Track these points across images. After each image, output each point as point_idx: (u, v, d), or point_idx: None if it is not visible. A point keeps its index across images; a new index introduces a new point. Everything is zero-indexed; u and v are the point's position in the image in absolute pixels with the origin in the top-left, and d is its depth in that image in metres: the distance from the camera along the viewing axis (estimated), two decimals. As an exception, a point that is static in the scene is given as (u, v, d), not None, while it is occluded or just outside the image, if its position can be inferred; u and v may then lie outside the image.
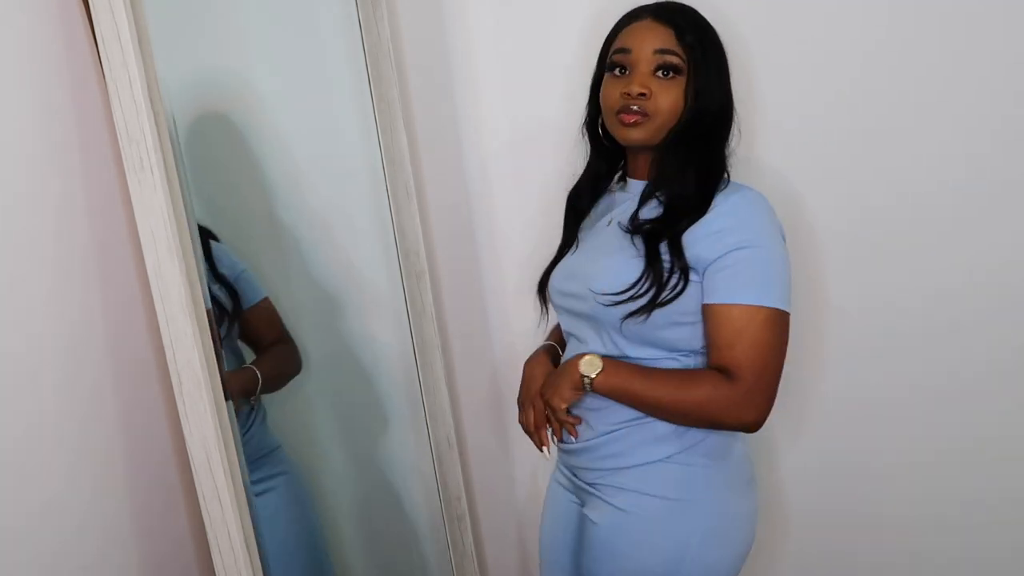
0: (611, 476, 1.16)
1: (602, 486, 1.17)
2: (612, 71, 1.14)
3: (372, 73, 1.43)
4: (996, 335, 1.31)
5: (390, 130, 1.46)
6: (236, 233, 1.30)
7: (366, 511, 1.61)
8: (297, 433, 1.41)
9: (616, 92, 1.12)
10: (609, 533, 1.15)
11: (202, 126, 1.26)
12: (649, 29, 1.11)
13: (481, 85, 1.48)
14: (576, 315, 1.18)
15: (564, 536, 1.28)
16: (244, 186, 1.36)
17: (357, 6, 1.41)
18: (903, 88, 1.27)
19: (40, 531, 0.92)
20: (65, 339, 0.96)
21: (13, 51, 0.91)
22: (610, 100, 1.13)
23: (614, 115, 1.13)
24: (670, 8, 1.13)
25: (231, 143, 1.31)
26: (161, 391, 1.12)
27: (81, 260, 0.99)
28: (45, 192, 0.95)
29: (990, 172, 1.26)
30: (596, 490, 1.18)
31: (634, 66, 1.11)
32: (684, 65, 1.10)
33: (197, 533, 1.17)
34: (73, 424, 0.97)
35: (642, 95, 1.09)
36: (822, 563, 1.53)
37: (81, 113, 1.00)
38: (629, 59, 1.11)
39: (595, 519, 1.17)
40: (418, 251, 1.51)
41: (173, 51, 1.06)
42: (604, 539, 1.15)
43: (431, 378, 1.56)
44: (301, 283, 1.46)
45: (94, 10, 0.93)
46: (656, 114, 1.10)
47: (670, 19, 1.11)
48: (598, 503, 1.17)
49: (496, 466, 1.72)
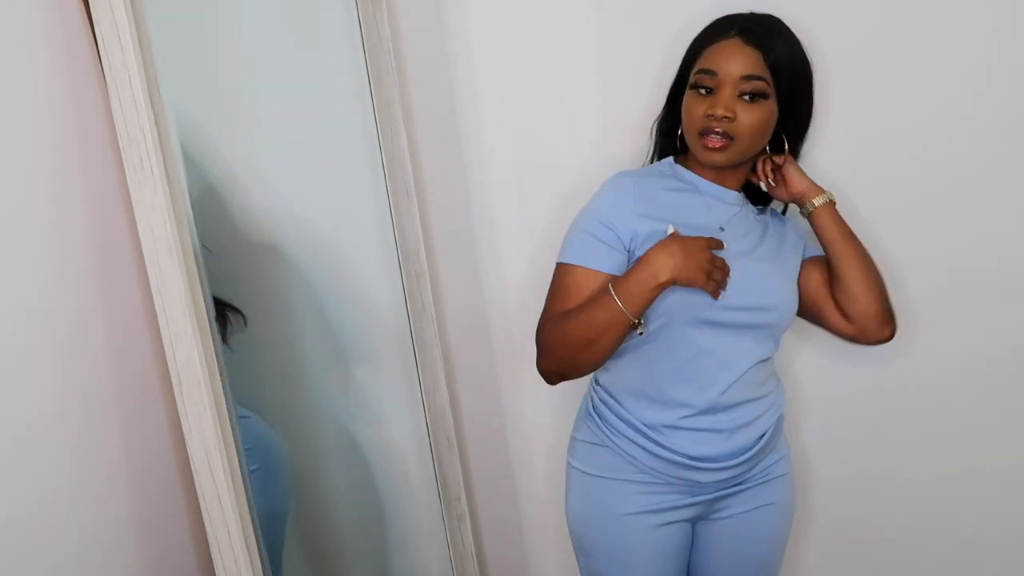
0: (772, 454, 1.26)
1: (765, 471, 1.25)
2: (696, 89, 1.14)
3: (372, 73, 1.43)
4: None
5: (390, 130, 1.46)
6: (235, 233, 1.30)
7: (366, 511, 1.60)
8: (297, 433, 1.41)
9: (699, 112, 1.13)
10: (787, 495, 1.28)
11: (201, 126, 1.25)
12: (737, 51, 1.11)
13: (481, 85, 1.48)
14: (742, 328, 1.17)
15: (679, 567, 1.28)
16: (243, 186, 1.36)
17: (357, 6, 1.41)
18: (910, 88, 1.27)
19: (39, 530, 0.91)
20: (65, 339, 0.96)
21: (13, 51, 0.91)
22: (693, 119, 1.15)
23: (696, 135, 1.15)
24: (759, 25, 1.13)
25: (230, 143, 1.30)
26: (161, 391, 1.12)
27: (81, 260, 0.99)
28: (45, 192, 0.95)
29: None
30: (754, 480, 1.24)
31: (719, 88, 1.12)
32: (770, 90, 1.12)
33: (197, 533, 1.17)
34: (73, 424, 0.97)
35: (726, 118, 1.11)
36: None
37: (81, 113, 1.00)
38: (715, 81, 1.12)
39: (768, 500, 1.25)
40: (418, 251, 1.51)
41: (173, 51, 1.06)
42: (784, 509, 1.28)
43: (431, 378, 1.56)
44: (300, 283, 1.46)
45: (94, 10, 0.93)
46: (740, 138, 1.13)
47: (758, 41, 1.11)
48: (758, 489, 1.24)
49: (496, 466, 1.72)
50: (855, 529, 1.53)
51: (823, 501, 1.53)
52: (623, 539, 1.22)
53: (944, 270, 1.35)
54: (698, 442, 1.17)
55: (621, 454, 1.21)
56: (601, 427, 1.23)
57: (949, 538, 1.48)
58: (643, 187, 1.18)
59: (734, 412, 1.18)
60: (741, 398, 1.19)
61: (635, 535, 1.21)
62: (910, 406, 1.43)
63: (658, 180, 1.21)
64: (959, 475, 1.44)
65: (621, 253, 1.15)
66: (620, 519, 1.21)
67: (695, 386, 1.17)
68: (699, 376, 1.17)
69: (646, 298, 1.08)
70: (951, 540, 1.48)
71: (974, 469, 1.42)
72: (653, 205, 1.17)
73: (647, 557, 1.22)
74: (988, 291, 1.34)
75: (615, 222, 1.15)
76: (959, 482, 1.44)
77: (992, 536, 1.45)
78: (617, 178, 1.20)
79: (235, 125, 1.32)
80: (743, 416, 1.19)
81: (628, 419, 1.20)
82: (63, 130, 0.97)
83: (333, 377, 1.51)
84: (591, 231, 1.16)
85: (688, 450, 1.17)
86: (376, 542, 1.63)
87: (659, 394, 1.18)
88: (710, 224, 1.18)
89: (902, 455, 1.46)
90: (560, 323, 1.14)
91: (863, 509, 1.51)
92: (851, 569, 1.55)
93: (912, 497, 1.48)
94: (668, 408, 1.18)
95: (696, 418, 1.17)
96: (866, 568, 1.54)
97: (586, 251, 1.16)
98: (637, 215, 1.15)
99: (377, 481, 1.61)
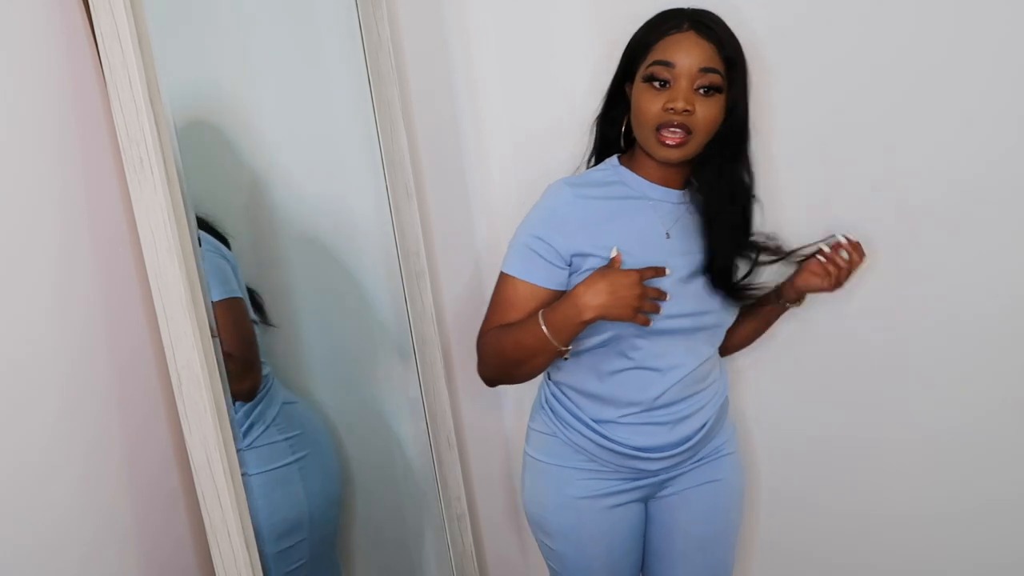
0: (717, 436, 1.29)
1: (710, 451, 1.28)
2: (651, 82, 1.12)
3: (372, 73, 1.43)
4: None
5: (390, 130, 1.46)
6: (234, 234, 1.29)
7: (366, 511, 1.60)
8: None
9: (656, 106, 1.11)
10: (733, 475, 1.31)
11: (201, 126, 1.25)
12: (694, 44, 1.10)
13: (481, 85, 1.48)
14: (689, 332, 1.19)
15: (633, 544, 1.31)
16: (243, 186, 1.36)
17: (357, 6, 1.41)
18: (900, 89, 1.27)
19: (39, 530, 0.91)
20: (65, 339, 0.96)
21: (13, 51, 0.91)
22: (649, 114, 1.11)
23: (652, 130, 1.12)
24: (708, 19, 1.12)
25: (230, 143, 1.30)
26: (161, 391, 1.12)
27: (81, 260, 0.99)
28: (45, 192, 0.95)
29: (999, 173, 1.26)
30: (699, 459, 1.27)
31: (675, 81, 1.10)
32: (723, 84, 1.11)
33: (197, 533, 1.17)
34: (73, 424, 0.97)
35: (687, 111, 1.09)
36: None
37: (81, 113, 1.00)
38: (672, 74, 1.10)
39: (712, 477, 1.28)
40: (418, 251, 1.51)
41: (173, 51, 1.06)
42: (731, 486, 1.31)
43: (431, 378, 1.56)
44: (300, 283, 1.46)
45: (94, 10, 0.93)
46: (697, 132, 1.11)
47: (711, 34, 1.10)
48: (702, 468, 1.28)
49: (496, 466, 1.72)
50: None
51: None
52: (576, 521, 1.26)
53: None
54: (643, 435, 1.22)
55: (571, 444, 1.25)
56: (553, 420, 1.27)
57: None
58: (583, 197, 1.16)
59: (678, 406, 1.22)
60: (685, 393, 1.22)
61: (586, 517, 1.26)
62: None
63: (599, 188, 1.18)
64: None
65: (561, 268, 1.15)
66: (572, 502, 1.26)
67: (640, 388, 1.20)
68: (645, 379, 1.19)
69: (572, 332, 1.08)
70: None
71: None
72: (594, 215, 1.15)
73: (600, 537, 1.27)
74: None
75: (552, 237, 1.14)
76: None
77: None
78: (557, 187, 1.18)
79: (235, 125, 1.32)
80: (686, 409, 1.23)
81: (577, 414, 1.24)
82: (63, 130, 0.97)
83: (333, 377, 1.51)
84: (530, 245, 1.16)
85: (634, 442, 1.21)
86: (376, 542, 1.63)
87: (606, 395, 1.22)
88: (657, 231, 1.17)
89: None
90: (496, 338, 1.16)
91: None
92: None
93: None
94: (615, 407, 1.22)
95: (641, 414, 1.21)
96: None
97: (526, 264, 1.16)
98: (575, 227, 1.14)
99: (377, 481, 1.61)
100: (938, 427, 1.39)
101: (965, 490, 1.40)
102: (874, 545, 1.50)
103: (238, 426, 1.17)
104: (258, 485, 1.20)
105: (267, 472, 1.24)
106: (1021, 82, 1.21)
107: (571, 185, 1.17)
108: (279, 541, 1.27)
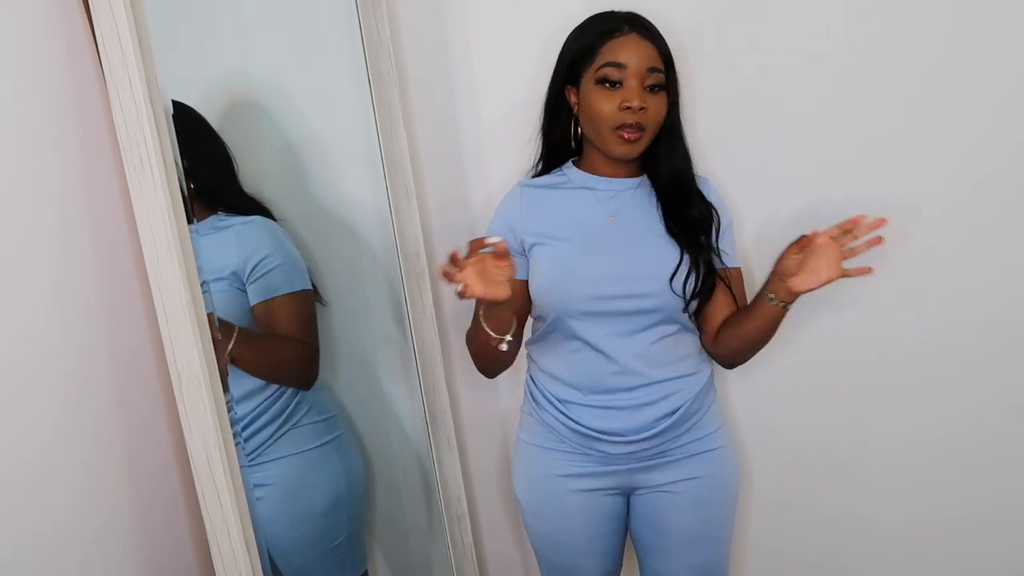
0: (694, 430, 1.28)
1: (688, 445, 1.27)
2: (603, 84, 1.18)
3: (372, 73, 1.43)
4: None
5: (390, 130, 1.46)
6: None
7: (366, 511, 1.60)
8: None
9: (611, 106, 1.17)
10: (721, 472, 1.30)
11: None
12: (639, 45, 1.17)
13: (481, 85, 1.48)
14: (625, 314, 1.21)
15: (606, 532, 1.34)
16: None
17: (357, 6, 1.41)
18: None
19: (39, 530, 0.92)
20: (65, 339, 0.96)
21: (13, 51, 0.91)
22: (606, 113, 1.18)
23: (611, 129, 1.18)
24: (643, 21, 1.19)
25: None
26: (161, 391, 1.12)
27: (81, 260, 0.99)
28: (45, 192, 0.95)
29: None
30: (676, 454, 1.27)
31: (626, 81, 1.16)
32: (664, 81, 1.19)
33: (197, 533, 1.17)
34: (73, 424, 0.97)
35: (643, 109, 1.16)
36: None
37: (81, 113, 1.00)
38: (622, 74, 1.16)
39: (694, 474, 1.27)
40: (418, 251, 1.51)
41: (173, 51, 1.06)
42: (716, 483, 1.29)
43: (431, 378, 1.56)
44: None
45: (94, 10, 0.93)
46: (648, 128, 1.19)
47: (650, 36, 1.18)
48: (684, 463, 1.27)
49: (496, 466, 1.72)
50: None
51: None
52: (546, 497, 1.33)
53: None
54: (603, 418, 1.25)
55: (543, 424, 1.32)
56: (531, 400, 1.36)
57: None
58: (531, 198, 1.28)
59: (639, 392, 1.24)
60: (644, 380, 1.24)
61: (557, 494, 1.31)
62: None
63: (548, 191, 1.29)
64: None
65: (523, 256, 1.26)
66: (545, 479, 1.32)
67: (593, 368, 1.25)
68: (595, 361, 1.24)
69: (494, 320, 1.15)
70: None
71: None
72: (537, 206, 1.27)
73: (571, 516, 1.31)
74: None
75: (505, 232, 1.27)
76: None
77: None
78: (513, 190, 1.31)
79: (235, 125, 1.32)
80: (649, 395, 1.24)
81: (546, 395, 1.31)
82: (63, 130, 0.97)
83: (332, 377, 1.51)
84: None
85: (594, 424, 1.26)
86: (376, 541, 1.63)
87: (566, 376, 1.28)
88: (600, 219, 1.24)
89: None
90: (469, 334, 1.30)
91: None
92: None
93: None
94: (576, 388, 1.27)
95: (601, 397, 1.25)
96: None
97: None
98: (524, 218, 1.26)
99: (377, 481, 1.61)
100: (934, 430, 1.39)
101: (961, 494, 1.41)
102: (869, 549, 1.50)
103: (282, 407, 1.27)
104: (305, 462, 1.31)
105: (312, 449, 1.33)
106: (1021, 82, 1.22)
107: (521, 184, 1.31)
108: (323, 518, 1.36)
